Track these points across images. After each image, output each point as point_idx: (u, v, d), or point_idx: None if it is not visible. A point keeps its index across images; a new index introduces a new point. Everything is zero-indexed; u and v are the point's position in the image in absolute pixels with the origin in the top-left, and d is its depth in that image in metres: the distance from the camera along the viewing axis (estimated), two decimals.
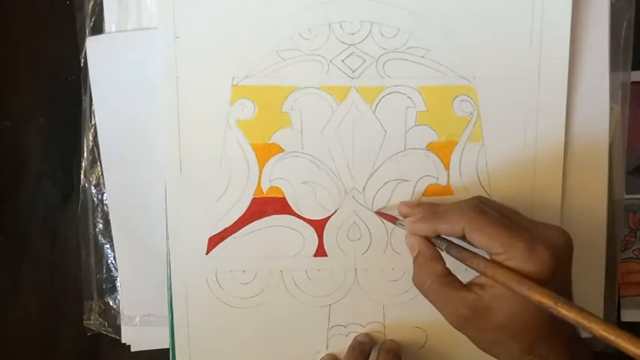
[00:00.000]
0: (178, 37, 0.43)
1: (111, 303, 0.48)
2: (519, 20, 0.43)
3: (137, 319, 0.47)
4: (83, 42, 0.46)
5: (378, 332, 0.46)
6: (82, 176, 0.47)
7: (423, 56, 0.44)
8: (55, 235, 0.49)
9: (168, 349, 0.46)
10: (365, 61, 0.44)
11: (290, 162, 0.45)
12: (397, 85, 0.44)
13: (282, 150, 0.44)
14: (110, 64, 0.45)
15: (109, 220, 0.47)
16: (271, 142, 0.44)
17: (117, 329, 0.48)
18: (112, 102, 0.46)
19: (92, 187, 0.47)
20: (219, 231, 0.45)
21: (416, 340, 0.46)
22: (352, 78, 0.44)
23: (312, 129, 0.44)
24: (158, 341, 0.47)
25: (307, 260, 0.45)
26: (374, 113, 0.44)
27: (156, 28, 0.44)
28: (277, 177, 0.45)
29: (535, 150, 0.44)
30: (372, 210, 0.45)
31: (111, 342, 0.48)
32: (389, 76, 0.44)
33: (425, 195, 0.45)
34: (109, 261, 0.47)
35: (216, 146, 0.44)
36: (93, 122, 0.46)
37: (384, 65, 0.44)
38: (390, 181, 0.45)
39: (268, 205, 0.45)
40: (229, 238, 0.45)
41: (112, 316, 0.48)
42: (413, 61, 0.44)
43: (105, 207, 0.47)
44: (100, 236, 0.47)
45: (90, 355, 0.50)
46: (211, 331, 0.46)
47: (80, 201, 0.48)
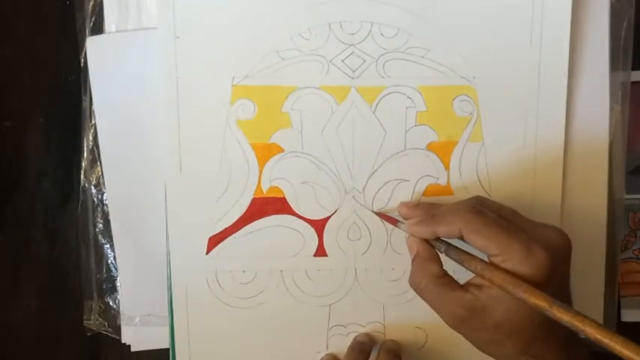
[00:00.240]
0: (178, 37, 0.43)
1: (111, 303, 0.48)
2: (519, 20, 0.43)
3: (137, 319, 0.47)
4: (83, 42, 0.46)
5: (378, 332, 0.46)
6: (82, 176, 0.47)
7: (423, 56, 0.44)
8: (55, 235, 0.49)
9: (168, 349, 0.46)
10: (365, 61, 0.44)
11: (290, 162, 0.45)
12: (397, 85, 0.44)
13: (282, 150, 0.44)
14: (110, 64, 0.45)
15: (109, 220, 0.47)
16: (271, 142, 0.44)
17: (117, 329, 0.48)
18: (112, 102, 0.46)
19: (92, 187, 0.47)
20: (219, 231, 0.45)
21: (416, 340, 0.46)
22: (352, 78, 0.44)
23: (312, 129, 0.44)
24: (158, 341, 0.47)
25: (307, 260, 0.45)
26: (374, 113, 0.44)
27: (156, 28, 0.44)
28: (277, 177, 0.45)
29: (535, 150, 0.44)
30: (372, 210, 0.45)
31: (111, 342, 0.48)
32: (389, 76, 0.44)
33: (425, 195, 0.45)
34: (109, 261, 0.47)
35: (216, 146, 0.44)
36: (93, 122, 0.46)
37: (384, 65, 0.44)
38: (390, 181, 0.45)
39: (268, 205, 0.45)
40: (229, 238, 0.45)
41: (112, 316, 0.48)
42: (413, 61, 0.44)
43: (105, 207, 0.47)
44: (100, 236, 0.47)
45: (90, 355, 0.50)
46: (211, 331, 0.46)
47: (80, 201, 0.48)
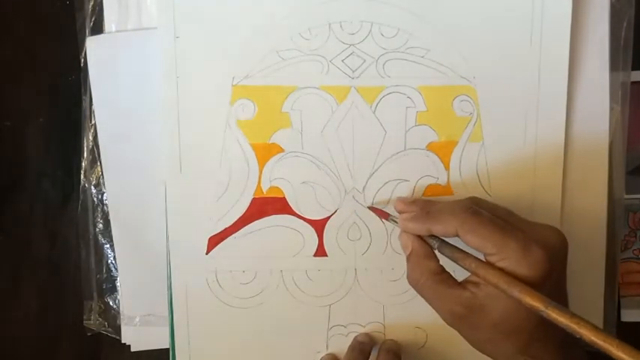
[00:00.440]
0: (178, 37, 0.43)
1: (111, 303, 0.48)
2: (519, 20, 0.43)
3: (137, 319, 0.47)
4: (83, 42, 0.46)
5: (378, 332, 0.46)
6: (82, 176, 0.47)
7: (423, 56, 0.44)
8: (55, 235, 0.49)
9: (168, 349, 0.46)
10: (365, 61, 0.44)
11: (290, 162, 0.45)
12: (397, 85, 0.44)
13: (282, 150, 0.44)
14: (110, 64, 0.45)
15: (109, 220, 0.47)
16: (271, 142, 0.44)
17: (117, 329, 0.48)
18: (112, 102, 0.46)
19: (92, 187, 0.47)
20: (219, 231, 0.45)
21: (416, 340, 0.46)
22: (352, 78, 0.44)
23: (312, 129, 0.44)
24: (158, 341, 0.47)
25: (307, 260, 0.45)
26: (374, 113, 0.44)
27: (156, 28, 0.44)
28: (277, 177, 0.45)
29: (535, 150, 0.44)
30: (366, 205, 0.44)
31: (111, 342, 0.48)
32: (389, 76, 0.44)
33: (425, 195, 0.45)
34: (109, 261, 0.47)
35: (216, 146, 0.44)
36: (93, 122, 0.46)
37: (384, 65, 0.44)
38: (390, 181, 0.45)
39: (268, 205, 0.45)
40: (229, 238, 0.45)
41: (112, 316, 0.48)
42: (413, 61, 0.44)
43: (105, 207, 0.47)
44: (100, 236, 0.47)
45: (90, 355, 0.50)
46: (211, 331, 0.46)
47: (80, 201, 0.48)
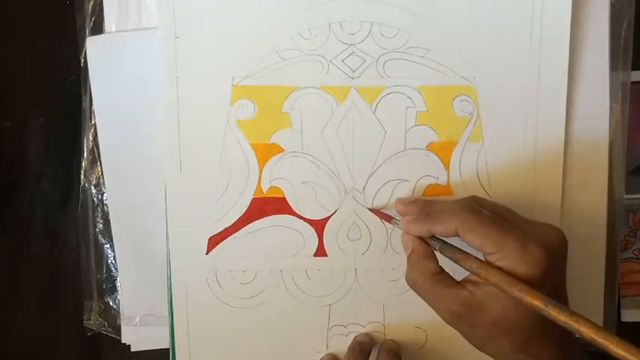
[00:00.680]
0: (178, 37, 0.43)
1: (111, 303, 0.48)
2: (519, 20, 0.43)
3: (137, 319, 0.47)
4: (83, 42, 0.46)
5: (378, 332, 0.46)
6: (82, 176, 0.47)
7: (423, 56, 0.44)
8: (55, 235, 0.49)
9: (168, 349, 0.46)
10: (365, 61, 0.44)
11: (290, 162, 0.45)
12: (397, 85, 0.44)
13: (282, 150, 0.44)
14: (110, 64, 0.45)
15: (109, 220, 0.47)
16: (271, 142, 0.44)
17: (117, 329, 0.48)
18: (112, 102, 0.46)
19: (92, 187, 0.47)
20: (219, 231, 0.45)
21: (416, 340, 0.46)
22: (352, 78, 0.44)
23: (312, 129, 0.44)
24: (158, 341, 0.47)
25: (307, 260, 0.45)
26: (374, 113, 0.44)
27: (156, 28, 0.44)
28: (277, 177, 0.45)
29: (535, 150, 0.44)
30: (367, 207, 0.44)
31: (111, 342, 0.48)
32: (389, 76, 0.44)
33: (425, 195, 0.45)
34: (109, 261, 0.47)
35: (216, 146, 0.44)
36: (93, 122, 0.46)
37: (384, 65, 0.44)
38: (390, 181, 0.45)
39: (268, 205, 0.45)
40: (229, 238, 0.45)
41: (112, 316, 0.48)
42: (413, 61, 0.44)
43: (105, 207, 0.47)
44: (100, 236, 0.47)
45: (90, 355, 0.50)
46: (211, 331, 0.46)
47: (80, 201, 0.47)
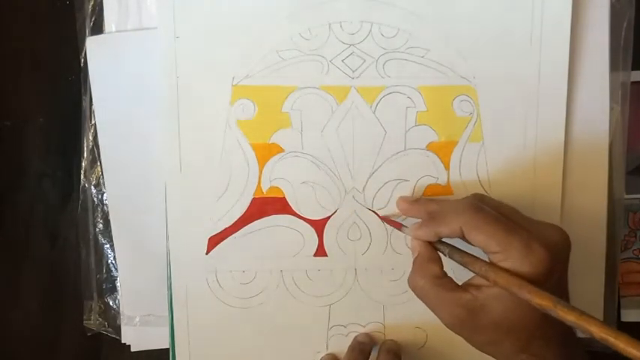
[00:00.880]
0: (178, 37, 0.43)
1: (111, 303, 0.48)
2: (519, 20, 0.43)
3: (137, 319, 0.47)
4: (83, 42, 0.46)
5: (378, 332, 0.46)
6: (82, 176, 0.47)
7: (423, 56, 0.44)
8: (55, 235, 0.49)
9: (168, 349, 0.46)
10: (365, 61, 0.44)
11: (290, 162, 0.45)
12: (397, 85, 0.44)
13: (282, 150, 0.44)
14: (110, 64, 0.45)
15: (109, 220, 0.47)
16: (271, 142, 0.44)
17: (117, 329, 0.48)
18: (112, 102, 0.46)
19: (92, 187, 0.47)
20: (219, 231, 0.45)
21: (416, 340, 0.46)
22: (352, 78, 0.44)
23: (312, 129, 0.44)
24: (158, 341, 0.47)
25: (307, 260, 0.45)
26: (374, 113, 0.44)
27: (156, 28, 0.44)
28: (277, 177, 0.45)
29: (535, 150, 0.44)
30: (373, 210, 0.45)
31: (111, 342, 0.48)
32: (389, 76, 0.44)
33: (425, 195, 0.45)
34: (109, 261, 0.47)
35: (216, 146, 0.44)
36: (93, 122, 0.46)
37: (384, 65, 0.44)
38: (390, 181, 0.45)
39: (268, 205, 0.45)
40: (229, 238, 0.45)
41: (112, 316, 0.48)
42: (413, 61, 0.44)
43: (105, 207, 0.47)
44: (100, 236, 0.47)
45: (90, 355, 0.50)
46: (211, 331, 0.46)
47: (80, 201, 0.48)
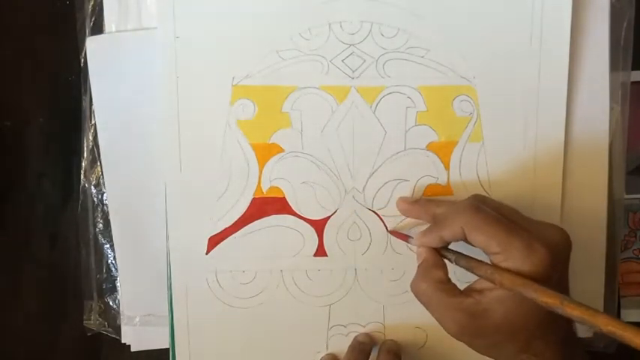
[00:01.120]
0: (178, 37, 0.43)
1: (111, 303, 0.48)
2: (519, 20, 0.43)
3: (137, 319, 0.47)
4: (83, 42, 0.46)
5: (378, 332, 0.46)
6: (82, 176, 0.47)
7: (423, 56, 0.44)
8: (55, 235, 0.49)
9: (168, 349, 0.46)
10: (365, 61, 0.44)
11: (290, 162, 0.45)
12: (397, 85, 0.44)
13: (282, 150, 0.44)
14: (110, 64, 0.45)
15: (109, 220, 0.47)
16: (271, 142, 0.44)
17: (117, 329, 0.48)
18: (112, 102, 0.46)
19: (92, 187, 0.47)
20: (219, 231, 0.45)
21: (416, 340, 0.46)
22: (352, 78, 0.44)
23: (312, 129, 0.44)
24: (158, 341, 0.47)
25: (307, 260, 0.45)
26: (374, 113, 0.44)
27: (156, 28, 0.44)
28: (277, 177, 0.45)
29: (535, 150, 0.44)
30: (388, 229, 0.44)
31: (111, 342, 0.48)
32: (389, 76, 0.44)
33: (425, 195, 0.45)
34: (109, 261, 0.47)
35: (216, 146, 0.44)
36: (93, 122, 0.46)
37: (384, 65, 0.44)
38: (390, 181, 0.45)
39: (268, 205, 0.45)
40: (229, 238, 0.45)
41: (112, 316, 0.48)
42: (413, 61, 0.44)
43: (105, 207, 0.47)
44: (100, 236, 0.47)
45: (90, 355, 0.50)
46: (211, 331, 0.46)
47: (80, 201, 0.47)
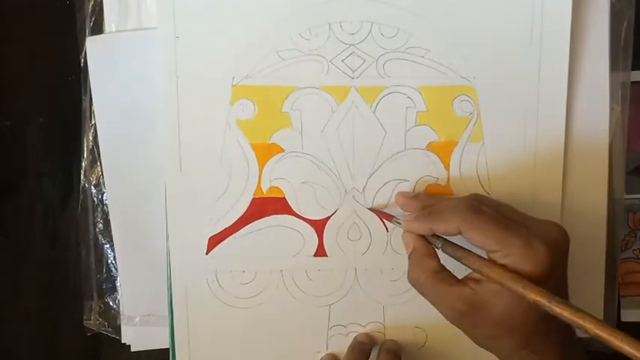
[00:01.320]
0: (178, 37, 0.43)
1: (111, 303, 0.48)
2: (519, 20, 0.43)
3: (137, 319, 0.47)
4: (83, 42, 0.46)
5: (378, 332, 0.46)
6: (82, 176, 0.47)
7: (423, 56, 0.44)
8: (55, 235, 0.49)
9: (168, 349, 0.46)
10: (365, 61, 0.44)
11: (290, 162, 0.45)
12: (397, 85, 0.44)
13: (282, 150, 0.44)
14: (110, 64, 0.45)
15: (109, 220, 0.47)
16: (271, 142, 0.44)
17: (117, 329, 0.48)
18: (112, 102, 0.46)
19: (92, 187, 0.47)
20: (219, 231, 0.45)
21: (416, 340, 0.46)
22: (352, 78, 0.44)
23: (312, 129, 0.44)
24: (158, 341, 0.47)
25: (307, 260, 0.45)
26: (374, 113, 0.44)
27: (156, 28, 0.44)
28: (277, 177, 0.45)
29: (535, 150, 0.44)
30: (367, 207, 0.44)
31: (111, 342, 0.48)
32: (389, 76, 0.44)
33: None
34: (109, 261, 0.47)
35: (216, 146, 0.44)
36: (93, 122, 0.46)
37: (384, 65, 0.44)
38: (390, 181, 0.45)
39: (268, 205, 0.45)
40: (229, 238, 0.45)
41: (112, 316, 0.48)
42: (413, 61, 0.44)
43: (105, 207, 0.47)
44: (100, 236, 0.47)
45: (90, 355, 0.50)
46: (211, 331, 0.46)
47: (80, 201, 0.47)
